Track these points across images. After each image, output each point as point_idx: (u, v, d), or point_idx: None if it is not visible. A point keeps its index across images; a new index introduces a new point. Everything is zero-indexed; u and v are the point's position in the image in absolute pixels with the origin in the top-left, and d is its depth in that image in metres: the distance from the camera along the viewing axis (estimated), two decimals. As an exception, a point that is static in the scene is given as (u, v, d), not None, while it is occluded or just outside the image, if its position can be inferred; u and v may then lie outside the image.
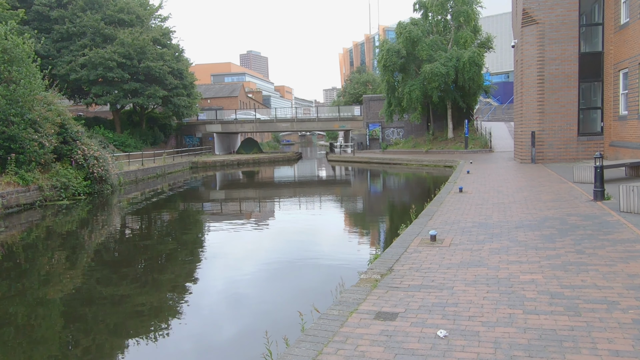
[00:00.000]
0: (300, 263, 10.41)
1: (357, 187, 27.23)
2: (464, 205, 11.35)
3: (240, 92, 67.19)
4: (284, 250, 11.75)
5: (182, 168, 37.59)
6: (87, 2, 37.58)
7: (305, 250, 11.57)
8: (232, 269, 10.16)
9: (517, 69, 24.89)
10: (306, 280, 9.08)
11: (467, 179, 17.30)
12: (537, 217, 9.26)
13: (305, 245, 12.16)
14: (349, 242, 12.30)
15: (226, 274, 9.83)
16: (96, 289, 8.90)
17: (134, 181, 28.13)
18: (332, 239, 12.82)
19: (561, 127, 21.95)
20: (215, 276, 9.68)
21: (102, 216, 18.07)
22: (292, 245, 12.21)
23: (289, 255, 11.11)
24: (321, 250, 11.50)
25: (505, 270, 5.89)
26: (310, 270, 9.70)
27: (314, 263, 10.28)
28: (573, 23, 21.56)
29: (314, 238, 13.08)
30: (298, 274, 9.60)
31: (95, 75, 35.11)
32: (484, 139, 35.04)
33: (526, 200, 11.39)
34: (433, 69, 33.63)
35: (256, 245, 12.49)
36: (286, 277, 9.38)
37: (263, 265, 10.32)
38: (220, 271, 10.05)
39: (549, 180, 15.16)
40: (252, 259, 10.93)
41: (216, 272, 10.01)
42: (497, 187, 14.38)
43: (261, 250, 11.83)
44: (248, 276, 9.51)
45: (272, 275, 9.50)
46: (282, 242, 12.77)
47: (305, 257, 10.85)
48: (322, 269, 9.67)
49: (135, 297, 8.45)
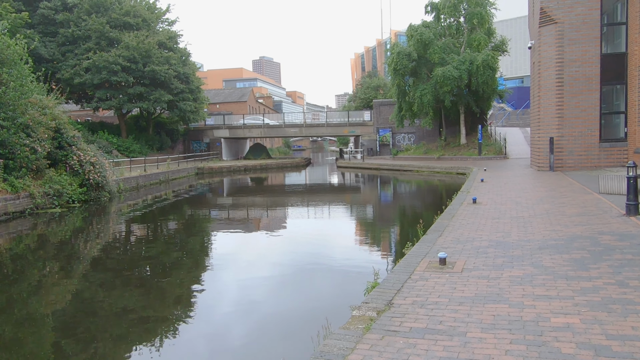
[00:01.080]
0: (290, 285, 9.33)
1: (364, 196, 26.08)
2: (479, 219, 10.19)
3: (250, 97, 66.47)
4: (275, 268, 10.67)
5: (187, 174, 36.76)
6: (93, 5, 37.04)
7: (298, 269, 10.47)
8: (220, 286, 9.12)
9: (534, 72, 23.64)
10: (292, 310, 7.95)
11: (481, 188, 16.10)
12: (563, 235, 8.08)
13: (300, 263, 11.05)
14: (348, 260, 11.06)
15: (212, 294, 8.79)
16: (88, 302, 7.90)
17: (134, 188, 27.29)
18: (331, 255, 11.70)
19: (582, 132, 20.65)
20: (202, 296, 8.65)
21: (96, 225, 17.16)
22: (286, 262, 11.13)
23: (280, 276, 10.03)
24: (317, 269, 10.40)
25: (531, 308, 4.74)
26: (298, 297, 8.57)
27: (305, 286, 9.18)
28: (594, 22, 20.30)
29: (311, 254, 11.97)
30: (285, 300, 8.51)
31: (99, 79, 34.48)
32: (499, 145, 33.72)
33: (548, 214, 10.19)
34: (445, 72, 32.43)
35: (245, 260, 11.44)
36: (271, 305, 8.29)
37: (244, 289, 9.26)
38: (209, 288, 9.01)
39: (571, 190, 13.91)
40: (232, 281, 9.88)
41: (205, 289, 8.98)
42: (515, 197, 13.18)
43: (249, 266, 10.78)
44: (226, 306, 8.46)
45: (251, 304, 8.43)
46: (276, 257, 11.70)
47: (296, 281, 9.75)
48: (312, 295, 8.56)
49: (131, 311, 7.43)
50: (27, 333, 7.07)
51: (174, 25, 47.03)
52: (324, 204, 22.10)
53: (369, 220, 17.88)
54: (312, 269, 10.38)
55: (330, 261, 10.91)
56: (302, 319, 7.45)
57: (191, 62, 43.51)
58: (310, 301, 8.30)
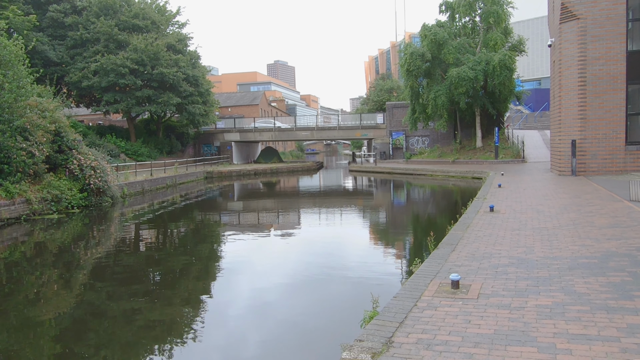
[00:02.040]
0: (277, 313, 8.42)
1: (374, 202, 25.04)
2: (497, 230, 9.17)
3: (262, 101, 65.89)
4: (265, 284, 9.77)
5: (195, 178, 36.10)
6: (102, 8, 36.72)
7: (288, 288, 9.56)
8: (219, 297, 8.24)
9: (554, 71, 22.46)
10: (283, 339, 7.04)
11: (498, 194, 15.03)
12: (596, 251, 7.04)
13: (293, 281, 10.14)
14: (349, 274, 10.10)
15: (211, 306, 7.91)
16: (83, 316, 7.09)
17: (140, 192, 26.65)
18: (334, 267, 10.75)
19: (606, 135, 19.45)
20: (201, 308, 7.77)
21: (94, 231, 16.45)
22: (284, 275, 10.21)
23: (276, 291, 9.13)
24: (312, 289, 9.46)
25: (567, 355, 3.76)
26: (290, 327, 7.62)
27: (293, 316, 8.21)
28: (619, 18, 19.12)
29: (307, 270, 11.03)
30: (277, 324, 7.59)
31: (107, 82, 34.06)
32: (516, 148, 32.47)
33: (575, 225, 9.13)
34: (460, 73, 31.31)
35: (239, 273, 10.55)
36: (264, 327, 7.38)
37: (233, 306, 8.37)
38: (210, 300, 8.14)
39: (598, 197, 12.79)
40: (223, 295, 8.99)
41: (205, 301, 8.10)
42: (536, 205, 12.10)
43: (241, 281, 9.88)
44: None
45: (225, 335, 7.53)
46: (268, 269, 10.80)
47: (283, 306, 8.84)
48: (301, 327, 7.60)
49: (137, 319, 6.58)
50: (26, 343, 6.65)
51: (184, 28, 46.63)
52: (331, 211, 21.16)
53: (377, 229, 16.80)
54: (306, 289, 9.43)
55: (328, 279, 9.94)
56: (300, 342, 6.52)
57: (201, 65, 42.98)
58: (297, 336, 7.09)
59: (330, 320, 7.55)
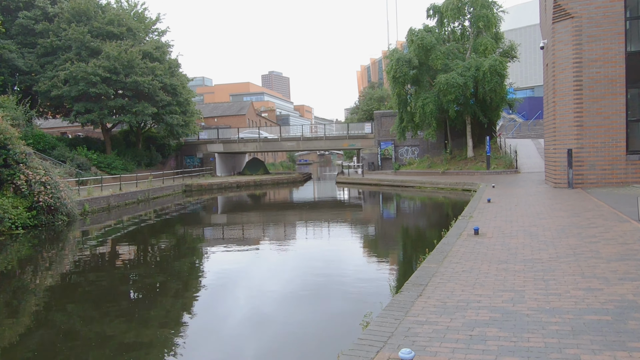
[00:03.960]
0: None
1: (349, 218, 23.19)
2: (480, 262, 7.39)
3: (249, 110, 64.20)
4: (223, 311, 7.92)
5: (172, 192, 34.19)
6: (75, 15, 34.99)
7: (251, 320, 7.72)
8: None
9: (547, 74, 20.85)
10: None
11: (487, 211, 13.26)
12: (607, 299, 5.25)
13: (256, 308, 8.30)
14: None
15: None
16: None
17: (105, 209, 24.72)
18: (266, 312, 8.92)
19: (605, 143, 17.77)
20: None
21: (34, 255, 14.53)
22: (254, 298, 8.37)
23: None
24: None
25: None
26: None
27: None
28: (617, 16, 17.53)
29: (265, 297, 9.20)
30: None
31: (77, 92, 32.21)
32: (509, 158, 30.82)
33: (576, 256, 7.35)
34: (449, 79, 29.69)
35: (205, 298, 8.69)
36: None
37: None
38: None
39: (600, 215, 11.03)
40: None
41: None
42: (529, 226, 10.32)
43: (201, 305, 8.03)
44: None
45: None
46: (230, 296, 8.95)
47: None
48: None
49: None
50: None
51: (164, 36, 45.12)
52: (295, 232, 19.35)
53: (338, 258, 14.06)
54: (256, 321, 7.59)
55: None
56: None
57: (181, 74, 41.23)
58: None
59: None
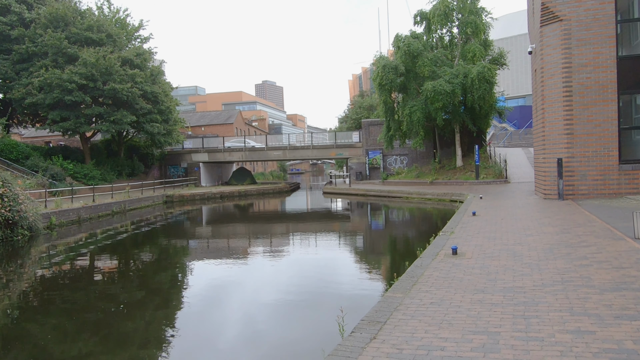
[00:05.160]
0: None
1: (326, 231, 22.13)
2: (452, 290, 6.33)
3: (237, 119, 63.15)
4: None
5: (152, 203, 32.97)
6: (52, 20, 33.91)
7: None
8: None
9: (536, 81, 19.98)
10: None
11: (470, 226, 12.23)
12: (601, 348, 4.18)
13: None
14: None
15: None
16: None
17: (75, 222, 23.48)
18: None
19: (596, 152, 16.84)
20: None
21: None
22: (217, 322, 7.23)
23: None
24: None
25: None
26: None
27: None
28: (608, 19, 16.69)
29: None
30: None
31: (52, 99, 31.03)
32: (498, 168, 29.89)
33: (564, 285, 6.30)
34: (436, 86, 28.79)
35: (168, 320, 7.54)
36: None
37: None
38: None
39: (592, 232, 10.01)
40: None
41: None
42: (513, 244, 9.29)
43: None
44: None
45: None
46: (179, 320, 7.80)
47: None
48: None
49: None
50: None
51: (148, 42, 44.21)
52: (255, 253, 18.25)
53: (303, 283, 13.24)
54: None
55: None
56: None
57: (164, 82, 40.20)
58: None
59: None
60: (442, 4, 31.86)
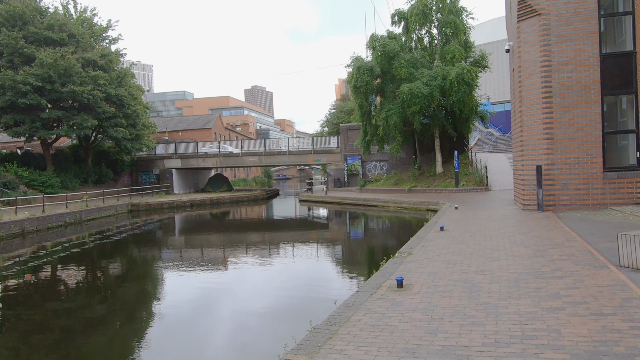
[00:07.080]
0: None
1: (281, 245, 20.41)
2: (373, 353, 4.63)
3: (216, 124, 61.27)
4: None
5: (114, 212, 31.00)
6: (9, 19, 31.95)
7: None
8: None
9: (514, 81, 18.47)
10: None
11: (433, 244, 10.57)
12: None
13: None
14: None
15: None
16: None
17: (18, 235, 21.54)
18: None
19: (578, 159, 15.33)
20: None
21: None
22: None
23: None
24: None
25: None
26: None
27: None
28: (590, 13, 15.24)
29: None
30: None
31: (4, 102, 29.04)
32: (479, 175, 28.37)
33: (524, 344, 4.61)
34: (412, 89, 27.23)
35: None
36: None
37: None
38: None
39: (570, 255, 8.38)
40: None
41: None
42: (474, 273, 7.62)
43: None
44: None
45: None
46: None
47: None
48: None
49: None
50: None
51: (117, 43, 42.33)
52: (214, 268, 16.50)
53: (257, 294, 12.04)
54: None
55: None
56: None
57: (132, 84, 38.28)
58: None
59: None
60: (421, 3, 30.37)
